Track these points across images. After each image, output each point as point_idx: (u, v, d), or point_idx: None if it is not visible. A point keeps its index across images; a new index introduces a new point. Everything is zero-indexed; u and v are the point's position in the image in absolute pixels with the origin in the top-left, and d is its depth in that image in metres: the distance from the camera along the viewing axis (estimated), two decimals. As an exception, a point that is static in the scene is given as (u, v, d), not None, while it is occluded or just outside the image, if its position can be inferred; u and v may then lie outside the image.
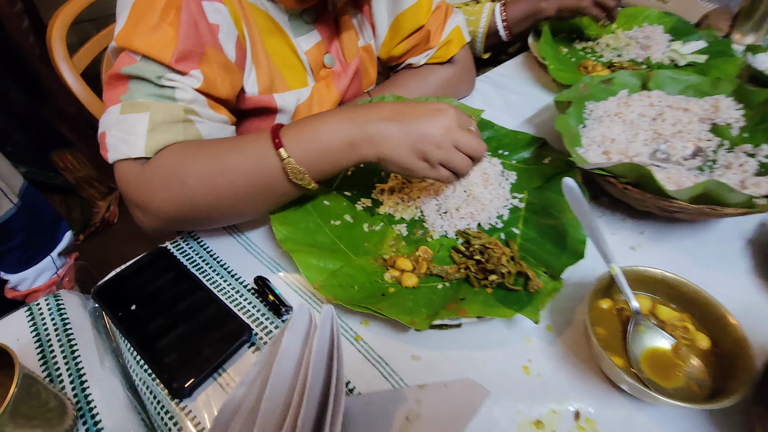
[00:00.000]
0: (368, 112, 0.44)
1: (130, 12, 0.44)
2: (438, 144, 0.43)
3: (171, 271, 0.48)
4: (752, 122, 0.57)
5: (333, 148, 0.43)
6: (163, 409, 0.38)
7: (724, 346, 0.38)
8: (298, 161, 0.43)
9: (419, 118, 0.43)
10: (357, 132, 0.43)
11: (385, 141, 0.43)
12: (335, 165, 0.44)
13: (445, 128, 0.43)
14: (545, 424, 0.36)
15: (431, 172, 0.45)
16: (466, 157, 0.45)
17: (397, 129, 0.43)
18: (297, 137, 0.43)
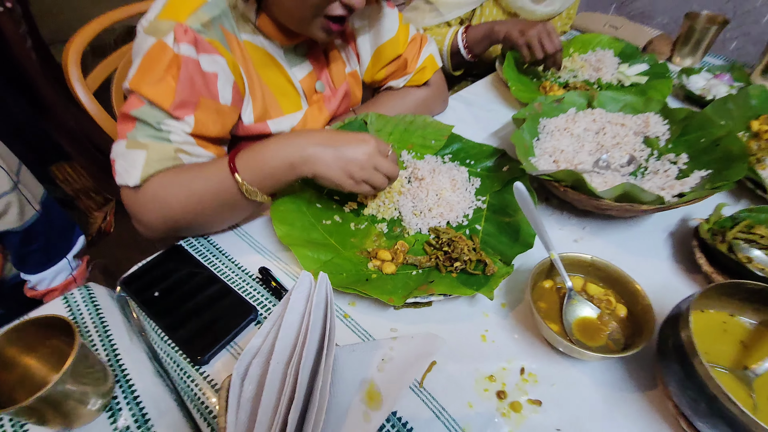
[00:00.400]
0: (306, 139, 0.54)
1: (141, 61, 0.54)
2: (362, 166, 0.54)
3: (186, 264, 0.57)
4: (675, 135, 0.68)
5: (277, 170, 0.53)
6: (186, 374, 0.46)
7: (636, 313, 0.47)
8: (249, 182, 0.53)
9: (348, 145, 0.54)
10: (296, 155, 0.53)
11: (320, 162, 0.53)
12: (280, 182, 0.55)
13: (367, 154, 0.54)
14: (497, 378, 0.46)
15: (356, 187, 0.55)
16: (383, 177, 0.56)
17: (330, 153, 0.53)
18: (248, 163, 0.53)
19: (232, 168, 0.53)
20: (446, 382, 0.45)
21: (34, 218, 0.70)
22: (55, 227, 0.74)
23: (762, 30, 1.58)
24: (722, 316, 0.46)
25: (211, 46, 0.56)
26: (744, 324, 0.45)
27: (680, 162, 0.65)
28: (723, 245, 0.54)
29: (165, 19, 0.54)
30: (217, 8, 0.58)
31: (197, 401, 0.44)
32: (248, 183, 0.53)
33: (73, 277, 0.78)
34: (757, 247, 0.55)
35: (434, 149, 0.72)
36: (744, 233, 0.56)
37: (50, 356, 0.43)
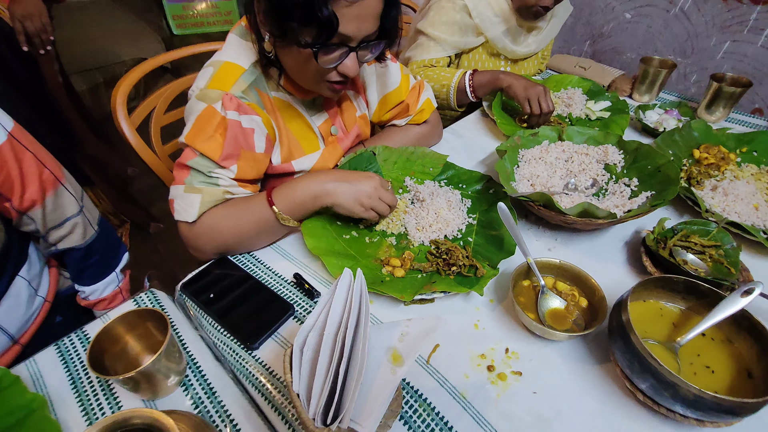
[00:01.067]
0: (325, 177, 0.70)
1: (195, 121, 0.67)
2: (369, 195, 0.69)
3: (232, 272, 0.69)
4: (628, 163, 0.83)
5: (304, 201, 0.69)
6: (241, 357, 0.58)
7: (594, 303, 0.61)
8: (282, 211, 0.68)
9: (358, 180, 0.69)
10: (319, 189, 0.68)
11: (337, 193, 0.68)
12: (307, 210, 0.70)
13: (373, 187, 0.69)
14: (487, 356, 0.58)
15: (365, 213, 0.70)
16: (386, 205, 0.71)
17: (345, 186, 0.69)
18: (281, 197, 0.69)
19: (270, 201, 0.68)
20: (447, 359, 0.58)
21: (93, 237, 0.82)
22: (108, 244, 0.86)
23: (717, 64, 1.78)
24: (659, 305, 0.59)
25: (250, 108, 0.70)
26: (675, 310, 0.59)
27: (632, 185, 0.79)
28: (665, 251, 0.68)
29: (213, 89, 0.68)
30: (253, 75, 0.72)
31: (251, 377, 0.56)
32: (282, 212, 0.68)
33: (119, 288, 0.89)
34: (691, 252, 0.69)
35: (432, 175, 0.86)
36: (682, 241, 0.70)
37: (141, 339, 0.55)
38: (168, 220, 2.09)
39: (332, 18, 0.58)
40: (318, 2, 0.56)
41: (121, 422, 0.38)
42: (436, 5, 1.10)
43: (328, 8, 0.57)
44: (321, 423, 0.41)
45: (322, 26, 0.58)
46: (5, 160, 0.64)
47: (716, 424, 0.48)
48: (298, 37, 0.60)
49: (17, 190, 0.67)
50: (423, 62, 1.13)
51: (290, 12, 0.58)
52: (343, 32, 0.60)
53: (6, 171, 0.65)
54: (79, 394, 0.55)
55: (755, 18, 1.62)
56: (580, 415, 0.52)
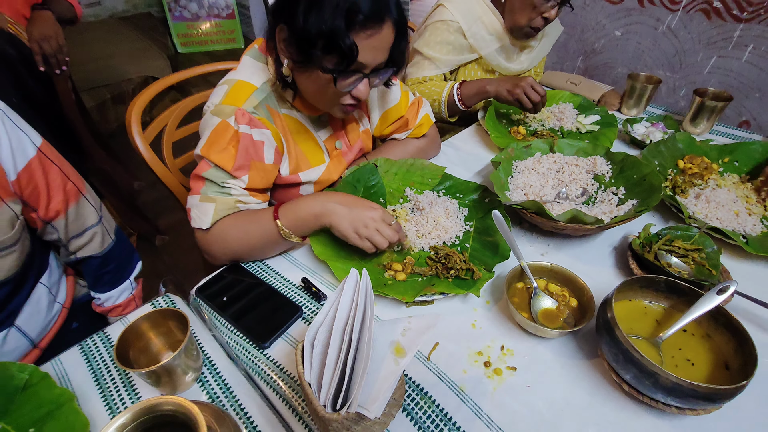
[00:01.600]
0: (330, 198, 0.72)
1: (210, 135, 0.72)
2: (366, 225, 0.69)
3: (243, 277, 0.74)
4: (615, 173, 0.88)
5: (306, 218, 0.71)
6: (254, 356, 0.62)
7: (583, 303, 0.65)
8: (286, 226, 0.71)
9: (360, 207, 0.70)
10: (320, 208, 0.71)
11: (335, 215, 0.70)
12: (308, 228, 0.73)
13: (372, 218, 0.70)
14: (483, 353, 0.62)
15: (358, 241, 0.70)
16: (383, 239, 0.69)
17: (345, 210, 0.70)
18: (286, 213, 0.72)
19: (275, 216, 0.72)
20: (447, 356, 0.62)
21: (111, 245, 0.86)
22: (123, 253, 0.90)
23: (704, 79, 1.85)
24: (643, 304, 0.64)
25: (261, 122, 0.75)
26: (658, 308, 0.63)
27: (620, 193, 0.84)
28: (650, 255, 0.73)
29: (227, 105, 0.74)
30: (264, 93, 0.77)
31: (263, 374, 0.60)
32: (286, 227, 0.71)
33: (132, 295, 0.93)
34: (675, 255, 0.73)
35: (431, 186, 0.91)
36: (666, 245, 0.75)
37: (162, 337, 0.59)
38: (173, 233, 2.14)
39: (353, 48, 0.63)
40: (341, 34, 0.62)
41: (151, 408, 0.42)
42: (432, 26, 1.16)
43: (350, 39, 0.63)
44: (331, 409, 0.45)
45: (343, 55, 0.64)
46: (34, 173, 0.69)
47: (695, 411, 0.52)
48: (321, 64, 0.66)
49: (43, 201, 0.72)
50: (418, 79, 1.19)
51: (314, 41, 0.64)
52: (361, 61, 0.66)
53: (34, 183, 0.69)
54: (103, 391, 0.59)
55: (738, 35, 1.70)
56: (571, 406, 0.56)
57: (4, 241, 0.66)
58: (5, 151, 0.64)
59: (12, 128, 0.66)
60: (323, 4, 0.62)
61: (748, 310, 0.67)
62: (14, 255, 0.68)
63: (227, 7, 4.02)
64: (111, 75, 2.82)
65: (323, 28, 0.62)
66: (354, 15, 0.62)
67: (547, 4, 1.07)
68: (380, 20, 0.65)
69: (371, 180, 0.89)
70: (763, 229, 0.80)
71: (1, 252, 0.66)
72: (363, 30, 0.64)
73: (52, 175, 0.72)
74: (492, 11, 1.16)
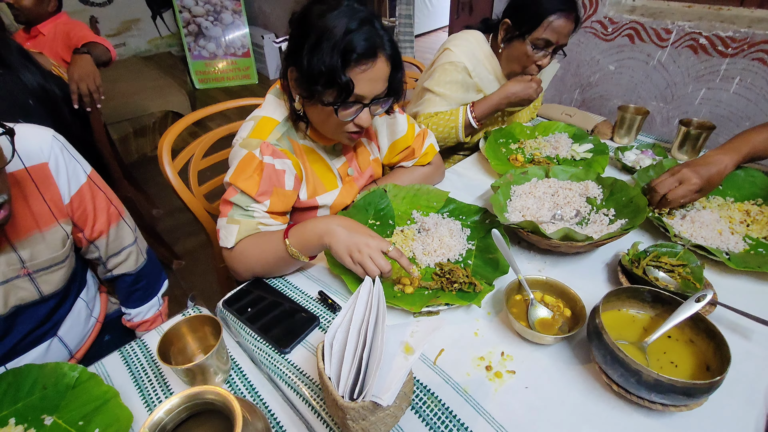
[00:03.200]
0: (335, 221, 0.75)
1: (237, 165, 0.82)
2: (360, 251, 0.72)
3: (265, 290, 0.81)
4: (606, 195, 0.95)
5: (311, 239, 0.76)
6: (275, 360, 0.69)
7: (576, 312, 0.71)
8: (293, 246, 0.77)
9: (359, 234, 0.73)
10: (324, 229, 0.75)
11: (335, 237, 0.74)
12: (314, 248, 0.77)
13: (368, 246, 0.72)
14: (485, 358, 0.68)
15: (351, 265, 0.73)
16: (375, 266, 0.71)
17: (344, 233, 0.73)
18: (295, 234, 0.77)
19: (285, 236, 0.78)
20: (452, 361, 0.67)
21: (143, 264, 0.94)
22: (153, 271, 0.98)
23: (696, 109, 1.95)
24: (631, 313, 0.70)
25: (283, 153, 0.84)
26: (645, 317, 0.69)
27: (610, 214, 0.91)
28: (638, 269, 0.79)
29: (254, 138, 0.83)
30: (285, 126, 0.87)
31: (285, 376, 0.66)
32: (293, 246, 0.77)
33: (159, 311, 1.01)
34: (662, 270, 0.80)
35: (436, 209, 0.99)
36: (653, 261, 0.81)
37: (197, 341, 0.66)
38: (189, 258, 2.23)
39: (349, 83, 0.73)
40: (338, 72, 0.72)
41: (195, 395, 0.48)
42: (441, 67, 1.27)
43: (346, 75, 0.73)
44: (348, 398, 0.51)
45: (341, 89, 0.74)
46: (84, 197, 0.78)
47: (678, 408, 0.57)
48: (323, 98, 0.76)
49: (90, 222, 0.81)
50: (430, 114, 1.29)
51: (317, 79, 0.74)
52: (358, 93, 0.76)
53: (83, 206, 0.79)
54: (141, 390, 0.65)
55: (725, 69, 1.80)
56: (565, 405, 0.61)
57: (57, 257, 0.75)
58: (62, 177, 0.74)
59: (69, 158, 0.76)
60: (323, 47, 0.72)
61: (731, 320, 0.72)
62: (63, 270, 0.77)
63: (243, 47, 4.28)
64: (134, 110, 3.01)
65: (323, 68, 0.73)
66: (349, 54, 0.72)
67: (539, 54, 1.18)
68: (373, 56, 0.74)
69: (381, 203, 0.98)
70: (745, 246, 0.86)
71: (53, 267, 0.75)
72: (357, 66, 0.74)
73: (98, 200, 0.81)
74: (492, 56, 1.28)
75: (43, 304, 0.76)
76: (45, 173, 0.72)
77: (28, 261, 0.71)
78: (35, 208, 0.71)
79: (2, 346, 0.72)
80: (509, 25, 1.20)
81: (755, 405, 0.60)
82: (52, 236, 0.73)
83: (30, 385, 0.62)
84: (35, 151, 0.70)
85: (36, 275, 0.72)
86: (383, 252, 0.73)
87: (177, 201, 1.16)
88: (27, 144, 0.69)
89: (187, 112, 3.22)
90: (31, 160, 0.70)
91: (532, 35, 1.15)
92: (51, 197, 0.73)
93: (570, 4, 1.12)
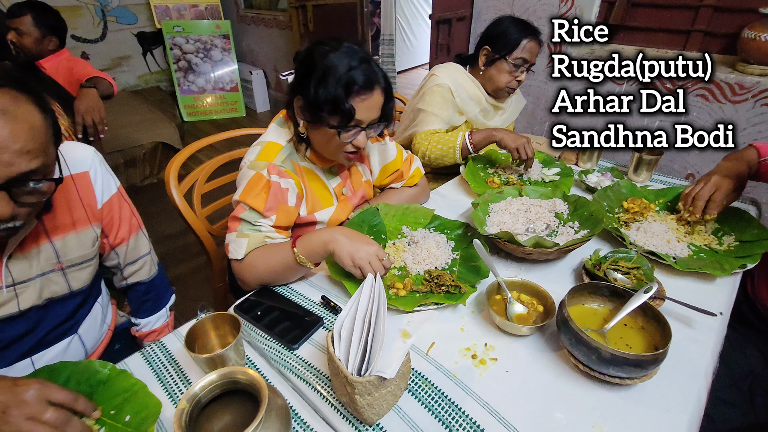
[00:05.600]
0: (338, 231, 0.86)
1: (246, 185, 0.92)
2: (360, 257, 0.82)
3: (272, 297, 0.89)
4: (571, 211, 1.09)
5: (317, 246, 0.85)
6: (285, 356, 0.77)
7: (547, 308, 0.82)
8: (301, 253, 0.86)
9: (359, 242, 0.84)
10: (328, 237, 0.85)
11: (338, 244, 0.84)
12: (320, 255, 0.86)
13: (367, 252, 0.83)
14: (471, 349, 0.77)
15: (351, 268, 0.83)
16: (372, 270, 0.81)
17: (347, 241, 0.83)
18: (302, 244, 0.87)
19: (293, 245, 0.87)
20: (441, 352, 0.77)
21: (155, 274, 1.01)
22: (162, 283, 1.05)
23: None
24: (593, 307, 0.81)
25: (286, 174, 0.95)
26: (604, 310, 0.80)
27: (575, 226, 1.04)
28: (600, 272, 0.91)
29: (261, 160, 0.94)
30: (289, 149, 0.99)
31: (294, 368, 0.74)
32: (301, 254, 0.86)
33: (167, 322, 1.07)
34: (619, 272, 0.92)
35: (423, 224, 1.10)
36: (613, 265, 0.93)
37: (217, 338, 0.73)
38: (179, 284, 2.26)
39: (351, 110, 0.86)
40: (342, 100, 0.85)
41: (230, 373, 0.56)
42: (429, 90, 1.44)
43: (349, 103, 0.86)
44: (356, 374, 0.60)
45: (344, 115, 0.87)
46: (113, 206, 0.88)
47: (633, 380, 0.68)
48: (328, 122, 0.88)
49: (114, 229, 0.89)
50: (429, 131, 1.43)
51: (322, 106, 0.87)
52: (358, 118, 0.89)
53: (111, 214, 0.87)
54: (164, 384, 0.72)
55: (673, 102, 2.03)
56: (540, 385, 0.71)
57: (87, 254, 0.83)
58: (99, 185, 0.84)
59: (104, 171, 0.86)
60: (328, 80, 0.86)
61: (678, 312, 0.85)
62: (90, 269, 0.85)
63: (231, 82, 4.44)
64: (124, 142, 3.08)
65: (329, 97, 0.86)
66: (351, 86, 0.86)
67: (518, 71, 1.41)
68: (371, 88, 0.88)
69: (374, 221, 1.08)
70: (689, 252, 1.00)
71: (83, 264, 0.83)
72: (358, 96, 0.87)
73: (123, 210, 0.90)
74: (472, 80, 1.47)
75: (71, 300, 0.83)
76: (86, 180, 0.82)
77: (63, 257, 0.79)
78: (74, 210, 0.80)
79: (30, 339, 0.78)
80: (489, 51, 1.42)
81: (697, 379, 0.72)
82: (85, 236, 0.82)
83: (64, 381, 0.68)
84: (80, 161, 0.81)
85: (68, 270, 0.80)
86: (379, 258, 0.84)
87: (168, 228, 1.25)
88: (73, 155, 0.80)
89: (176, 143, 3.32)
90: (75, 168, 0.80)
91: (512, 55, 1.38)
92: (88, 202, 0.82)
93: (535, 31, 1.40)
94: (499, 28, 1.40)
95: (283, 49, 4.29)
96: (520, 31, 1.37)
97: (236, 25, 4.66)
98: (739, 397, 1.02)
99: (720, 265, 0.94)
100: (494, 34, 1.41)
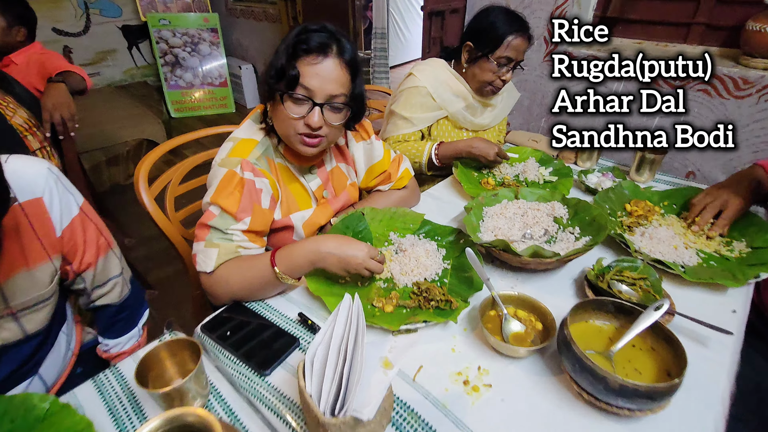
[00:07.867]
0: (322, 244, 0.79)
1: (218, 184, 0.83)
2: (355, 267, 0.78)
3: (244, 314, 0.81)
4: (571, 215, 1.01)
5: (301, 264, 0.80)
6: (255, 383, 0.68)
7: (546, 325, 0.74)
8: (283, 271, 0.79)
9: (350, 249, 0.78)
10: (314, 254, 0.79)
11: (327, 261, 0.79)
12: (302, 271, 0.81)
13: (359, 258, 0.78)
14: (463, 373, 0.70)
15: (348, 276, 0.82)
16: (369, 273, 0.80)
17: (335, 258, 0.78)
18: (282, 259, 0.80)
19: (272, 262, 0.80)
20: (430, 377, 0.69)
21: (127, 294, 0.91)
22: (136, 301, 0.95)
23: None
24: (597, 325, 0.73)
25: (261, 172, 0.86)
26: (610, 327, 0.73)
27: (576, 232, 0.97)
28: (603, 283, 0.84)
29: (234, 157, 0.86)
30: (264, 146, 0.90)
31: (264, 398, 0.66)
32: (282, 272, 0.79)
33: (138, 342, 0.97)
34: (624, 284, 0.84)
35: (412, 230, 1.02)
36: (617, 275, 0.86)
37: (176, 366, 0.65)
38: (161, 288, 2.17)
39: (296, 73, 0.80)
40: (288, 62, 0.80)
41: (177, 417, 0.48)
42: (406, 92, 1.36)
43: (293, 64, 0.80)
44: (330, 414, 0.52)
45: (289, 80, 0.80)
46: (75, 230, 0.76)
47: (643, 412, 0.60)
48: (275, 90, 0.82)
49: (79, 255, 0.78)
50: (397, 138, 1.37)
51: (273, 74, 0.82)
52: (306, 85, 0.81)
53: (74, 239, 0.76)
54: (116, 419, 0.64)
55: (673, 99, 1.95)
56: (539, 415, 0.63)
57: (43, 294, 0.72)
58: (56, 211, 0.72)
59: (63, 191, 0.74)
60: (280, 48, 0.82)
61: (689, 328, 0.77)
62: (48, 308, 0.74)
63: (220, 77, 4.33)
64: (107, 139, 2.97)
65: (277, 64, 0.81)
66: (298, 45, 0.80)
67: (501, 70, 1.30)
68: (323, 52, 0.81)
69: (359, 226, 1.00)
70: (698, 260, 0.93)
71: (39, 305, 0.72)
72: (306, 56, 0.80)
73: (89, 232, 0.79)
74: (456, 77, 1.38)
75: (27, 344, 0.73)
76: (40, 208, 0.69)
77: (12, 300, 0.68)
78: (26, 244, 0.68)
79: None
80: (471, 48, 1.32)
81: (713, 407, 0.64)
82: (40, 273, 0.71)
83: (-4, 418, 0.59)
84: (29, 185, 0.68)
85: (20, 314, 0.70)
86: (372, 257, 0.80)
87: (150, 230, 1.15)
88: (21, 178, 0.67)
89: (162, 140, 3.21)
90: (24, 195, 0.67)
91: (495, 54, 1.27)
92: (45, 232, 0.70)
93: (523, 26, 1.27)
94: (484, 21, 1.29)
95: (273, 43, 4.16)
96: (505, 27, 1.25)
97: (225, 18, 4.54)
98: (748, 413, 0.95)
99: (732, 275, 0.86)
100: (478, 28, 1.31)
